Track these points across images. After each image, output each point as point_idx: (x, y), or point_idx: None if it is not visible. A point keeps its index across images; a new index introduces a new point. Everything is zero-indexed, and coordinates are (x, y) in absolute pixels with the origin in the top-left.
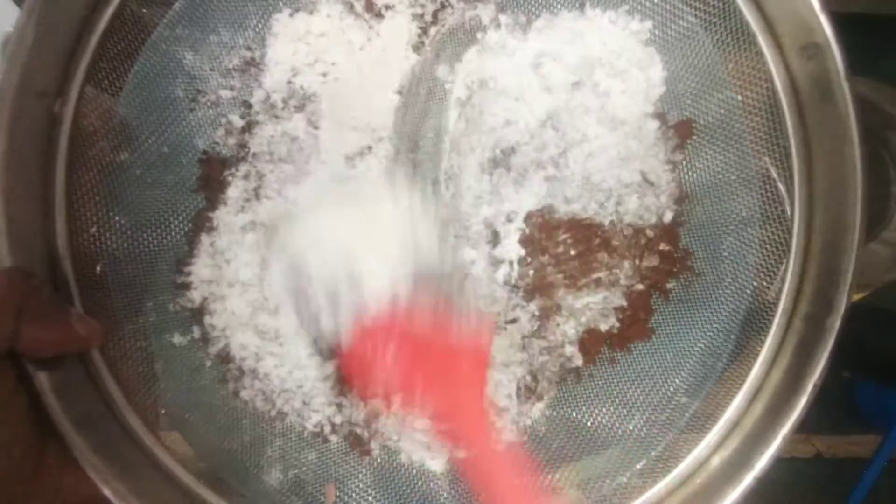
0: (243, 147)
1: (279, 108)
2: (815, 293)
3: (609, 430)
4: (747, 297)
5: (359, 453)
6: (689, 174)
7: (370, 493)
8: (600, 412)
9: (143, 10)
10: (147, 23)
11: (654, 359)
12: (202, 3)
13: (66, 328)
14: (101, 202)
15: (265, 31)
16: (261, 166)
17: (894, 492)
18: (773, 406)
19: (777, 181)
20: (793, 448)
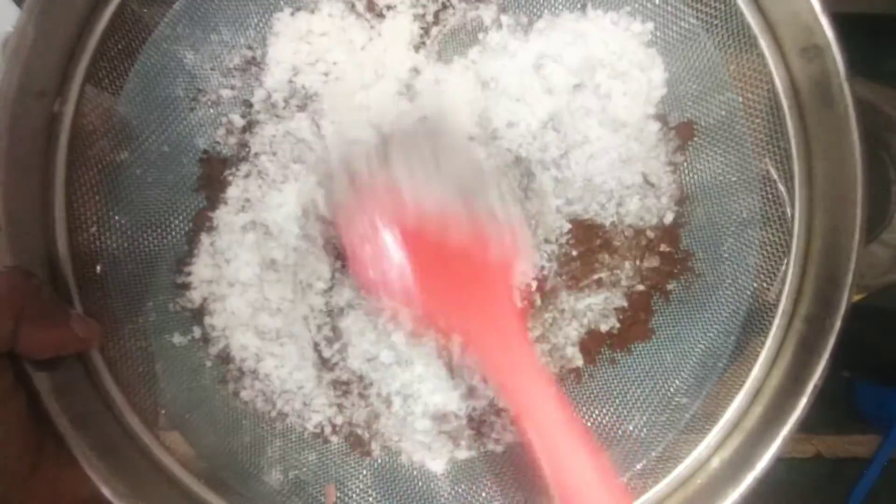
0: (244, 147)
1: (280, 108)
2: (815, 294)
3: (609, 430)
4: (747, 299)
5: (359, 454)
6: (690, 175)
7: (371, 493)
8: (600, 413)
9: (144, 10)
10: (147, 22)
11: (654, 359)
12: (203, 2)
13: (66, 329)
14: (101, 201)
15: (266, 30)
16: (262, 166)
17: (894, 492)
18: (774, 407)
19: (777, 182)
20: (793, 448)
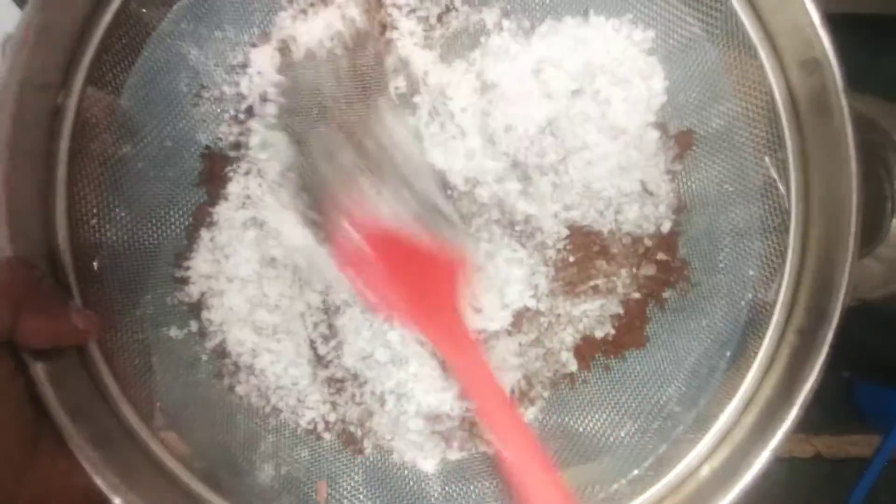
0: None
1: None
2: (808, 306)
3: (601, 436)
4: (742, 309)
5: (351, 452)
6: (688, 184)
7: (362, 491)
8: (593, 418)
9: (143, 10)
10: (151, 17)
11: (648, 367)
12: None
13: (65, 321)
14: (103, 194)
15: (270, 28)
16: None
17: (894, 492)
18: (764, 417)
19: (778, 182)
20: (793, 448)
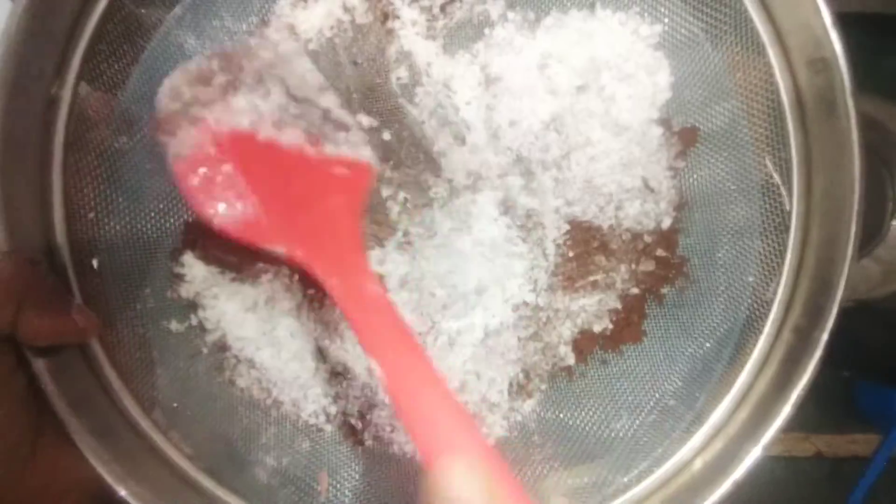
0: None
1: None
2: (805, 305)
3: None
4: (739, 306)
5: (352, 443)
6: (690, 181)
7: (362, 481)
8: (589, 411)
9: (142, 13)
10: (147, 6)
11: (644, 361)
12: None
13: (66, 318)
14: (100, 187)
15: (269, 17)
16: None
17: (894, 491)
18: (758, 413)
19: (781, 187)
20: (793, 447)
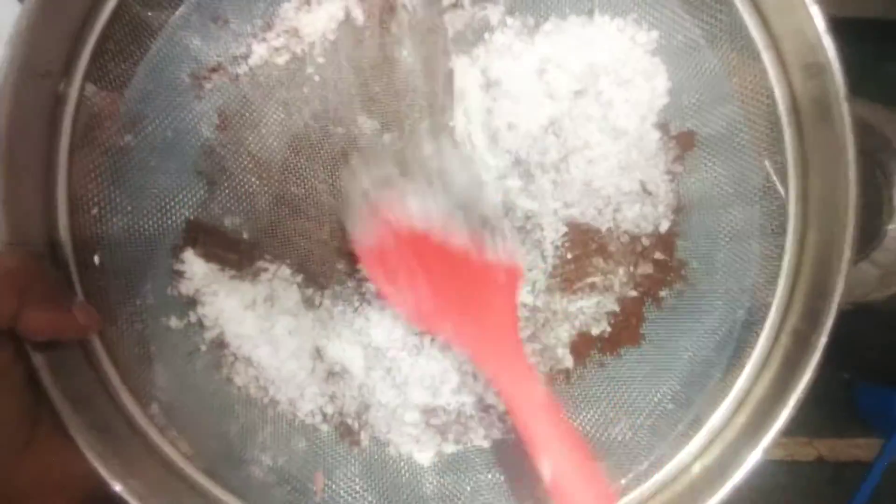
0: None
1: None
2: (803, 309)
3: (595, 432)
4: (737, 309)
5: (348, 443)
6: (688, 185)
7: (358, 482)
8: (587, 415)
9: (149, 14)
10: (154, 7)
11: (642, 365)
12: None
13: (67, 314)
14: (104, 184)
15: (274, 19)
16: None
17: None
18: (756, 417)
19: (777, 184)
20: (795, 451)
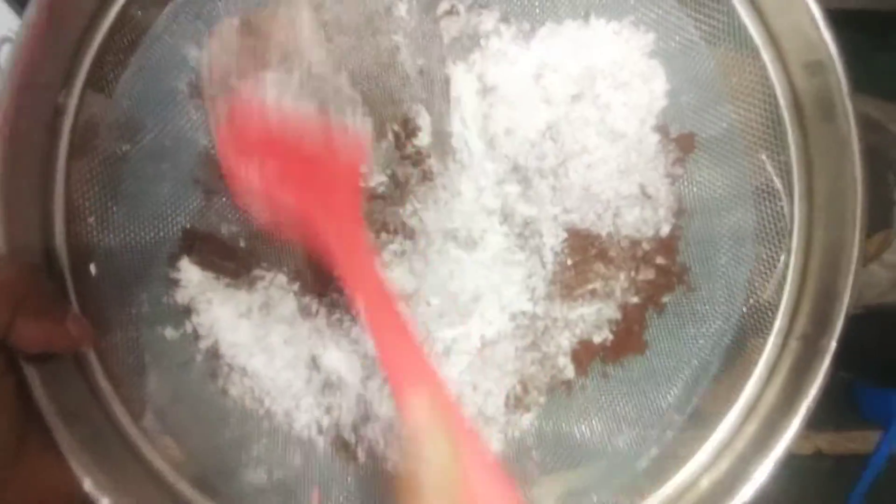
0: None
1: None
2: (812, 313)
3: (598, 444)
4: (743, 315)
5: (344, 458)
6: (689, 188)
7: (354, 498)
8: (590, 426)
9: (144, 13)
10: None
11: (646, 373)
12: None
13: (60, 326)
14: (101, 192)
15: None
16: None
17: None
18: (766, 428)
19: (777, 182)
20: (793, 445)
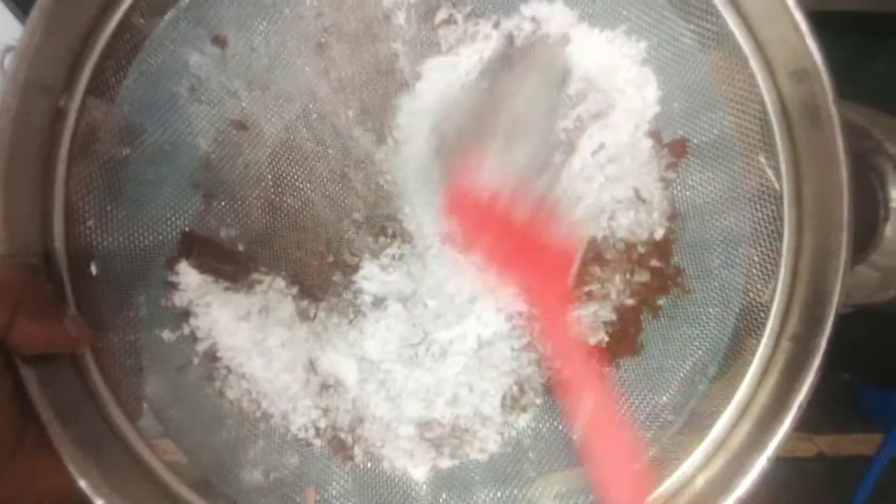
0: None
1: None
2: (802, 314)
3: None
4: (736, 316)
5: (341, 458)
6: (682, 192)
7: (351, 498)
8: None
9: (144, 20)
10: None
11: (641, 374)
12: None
13: (59, 327)
14: (100, 196)
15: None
16: None
17: None
18: (759, 426)
19: (773, 180)
20: (795, 447)
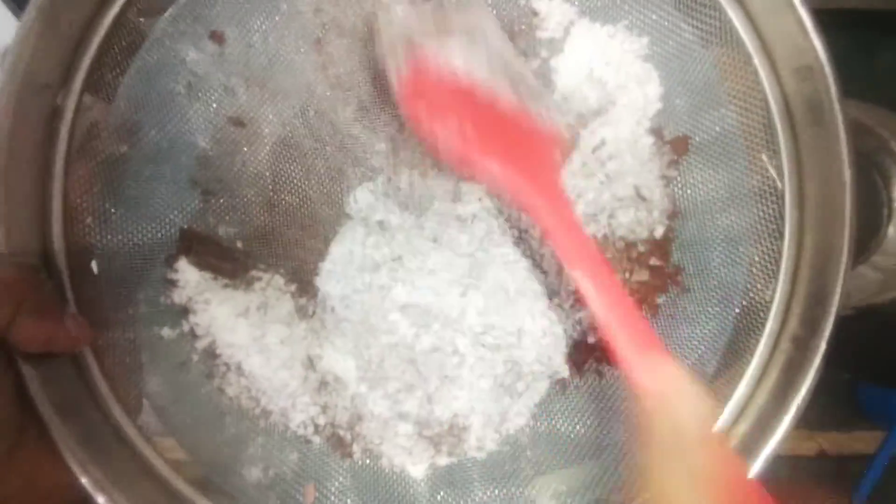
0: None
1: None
2: (802, 315)
3: (593, 443)
4: (736, 316)
5: (340, 455)
6: (683, 190)
7: (349, 495)
8: (585, 424)
9: (142, 18)
10: (150, 21)
11: None
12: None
13: (59, 326)
14: (99, 193)
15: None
16: None
17: None
18: (757, 427)
19: (776, 178)
20: (796, 445)
